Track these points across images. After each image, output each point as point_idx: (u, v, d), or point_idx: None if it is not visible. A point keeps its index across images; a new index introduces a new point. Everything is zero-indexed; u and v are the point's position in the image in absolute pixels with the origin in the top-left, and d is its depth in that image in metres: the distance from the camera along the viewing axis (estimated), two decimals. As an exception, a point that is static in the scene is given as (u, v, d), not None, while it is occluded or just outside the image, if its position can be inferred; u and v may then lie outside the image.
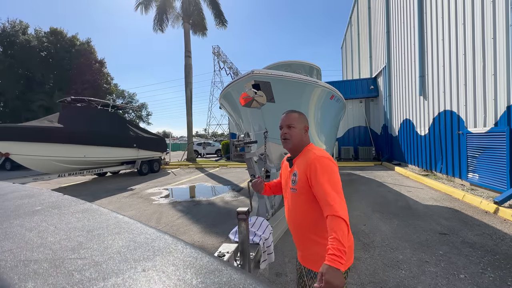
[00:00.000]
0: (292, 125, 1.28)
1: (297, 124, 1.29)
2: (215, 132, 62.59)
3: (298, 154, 1.31)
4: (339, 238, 0.96)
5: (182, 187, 7.86)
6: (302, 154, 1.29)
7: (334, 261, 0.92)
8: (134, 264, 0.46)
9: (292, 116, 1.30)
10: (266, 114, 3.33)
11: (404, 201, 5.16)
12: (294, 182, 1.26)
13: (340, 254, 0.93)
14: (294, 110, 1.34)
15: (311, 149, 1.28)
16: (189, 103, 16.18)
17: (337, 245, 0.95)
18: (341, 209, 1.03)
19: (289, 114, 1.32)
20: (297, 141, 1.29)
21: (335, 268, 0.91)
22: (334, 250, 0.94)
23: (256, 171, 3.09)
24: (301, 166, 1.24)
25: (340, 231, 0.97)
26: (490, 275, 2.41)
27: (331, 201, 1.05)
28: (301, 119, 1.31)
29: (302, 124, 1.31)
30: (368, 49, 15.28)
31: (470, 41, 5.50)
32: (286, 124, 1.30)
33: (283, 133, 1.31)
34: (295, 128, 1.28)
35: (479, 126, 5.32)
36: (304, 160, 1.24)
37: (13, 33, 20.96)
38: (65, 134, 7.83)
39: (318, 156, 1.19)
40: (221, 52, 38.21)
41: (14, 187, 1.18)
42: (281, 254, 2.97)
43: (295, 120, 1.29)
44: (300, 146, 1.30)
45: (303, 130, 1.31)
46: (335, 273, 0.90)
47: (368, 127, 13.94)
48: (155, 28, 16.28)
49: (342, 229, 0.98)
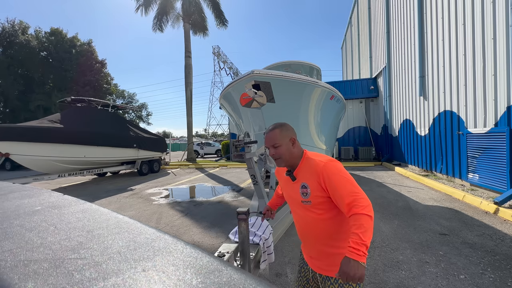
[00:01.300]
0: (277, 144, 1.23)
1: (281, 141, 1.23)
2: (215, 132, 62.62)
3: (297, 166, 1.26)
4: (359, 232, 0.98)
5: (182, 187, 7.86)
6: (302, 165, 1.25)
7: (352, 253, 0.95)
8: (134, 264, 0.46)
9: (274, 135, 1.24)
10: (266, 114, 3.33)
11: (404, 201, 5.16)
12: (306, 195, 1.21)
13: (358, 247, 0.96)
14: (275, 126, 1.28)
15: (310, 156, 1.24)
16: (189, 103, 16.19)
17: (358, 239, 0.97)
18: (362, 205, 1.04)
19: (270, 133, 1.26)
20: (287, 157, 1.24)
21: (354, 260, 0.94)
22: (354, 244, 0.97)
23: (256, 171, 3.08)
24: (308, 176, 1.20)
25: (363, 228, 0.99)
26: (490, 275, 2.41)
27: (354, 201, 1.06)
28: (283, 134, 1.25)
29: (287, 138, 1.25)
30: (368, 49, 15.28)
31: (470, 42, 5.50)
32: (271, 144, 1.24)
33: (271, 154, 1.26)
34: (281, 146, 1.23)
35: (479, 126, 5.32)
36: (309, 170, 1.20)
37: (13, 33, 20.96)
38: (65, 134, 7.83)
39: (325, 163, 1.16)
40: (221, 52, 38.25)
41: (14, 187, 1.18)
42: (281, 255, 2.97)
43: (278, 138, 1.23)
44: (294, 159, 1.26)
45: (290, 143, 1.25)
46: (354, 264, 0.93)
47: (368, 128, 13.94)
48: (154, 28, 16.29)
49: (363, 224, 1.00)
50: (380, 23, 12.73)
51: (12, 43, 20.71)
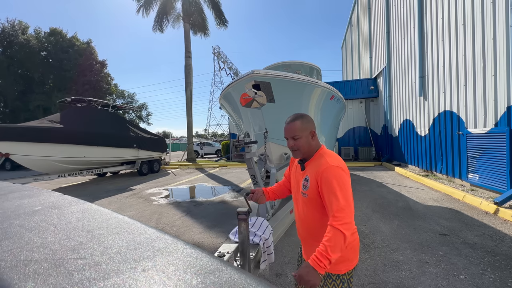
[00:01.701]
0: (297, 136, 1.23)
1: (301, 133, 1.23)
2: (215, 133, 62.63)
3: (311, 158, 1.28)
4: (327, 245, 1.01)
5: (182, 187, 7.86)
6: (314, 158, 1.26)
7: (314, 261, 0.99)
8: (134, 264, 0.46)
9: (294, 126, 1.24)
10: (266, 114, 3.33)
11: (404, 201, 5.16)
12: (306, 187, 1.25)
13: (322, 258, 0.99)
14: (296, 117, 1.27)
15: (323, 154, 1.24)
16: (189, 104, 16.19)
17: (324, 251, 1.00)
18: (342, 221, 1.04)
19: (291, 124, 1.25)
20: (305, 149, 1.25)
21: (313, 269, 0.98)
22: (319, 254, 1.01)
23: (256, 171, 3.08)
24: (313, 172, 1.21)
25: (333, 242, 1.01)
26: (490, 276, 2.41)
27: (336, 212, 1.07)
28: (304, 126, 1.25)
29: (307, 130, 1.25)
30: (368, 49, 15.29)
31: (470, 42, 5.51)
32: (291, 136, 1.25)
33: (289, 146, 1.26)
34: (301, 138, 1.23)
35: (479, 126, 5.32)
36: (316, 166, 1.21)
37: (13, 33, 20.97)
38: (65, 134, 7.83)
39: (330, 166, 1.16)
40: (221, 52, 38.23)
41: (14, 187, 1.18)
42: (281, 255, 2.97)
43: (298, 130, 1.23)
44: (311, 152, 1.27)
45: (310, 136, 1.25)
46: (312, 272, 0.98)
47: (368, 128, 13.94)
48: (154, 28, 16.30)
49: (335, 240, 1.02)
50: (380, 23, 12.74)
51: (12, 43, 20.72)
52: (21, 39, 21.04)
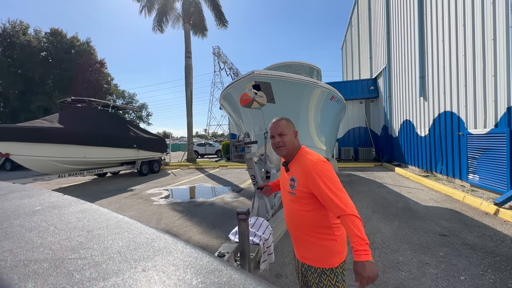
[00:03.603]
0: (283, 133, 1.32)
1: (287, 131, 1.33)
2: (215, 133, 62.65)
3: (293, 159, 1.36)
4: (357, 234, 1.04)
5: (182, 187, 7.85)
6: (296, 158, 1.35)
7: (360, 255, 1.02)
8: (134, 264, 0.46)
9: (281, 124, 1.34)
10: (267, 114, 3.33)
11: (404, 202, 5.15)
12: (293, 187, 1.31)
13: (363, 248, 1.02)
14: (281, 118, 1.38)
15: (304, 154, 1.33)
16: (190, 104, 16.19)
17: (358, 240, 1.03)
18: (349, 207, 1.11)
19: (278, 122, 1.36)
20: (290, 147, 1.34)
21: (366, 261, 1.01)
22: (357, 246, 1.03)
23: (256, 171, 3.08)
24: (298, 172, 1.29)
25: (356, 228, 1.05)
26: (490, 277, 2.41)
27: (339, 202, 1.12)
28: (289, 125, 1.36)
29: (292, 129, 1.36)
30: (368, 49, 15.29)
31: (470, 42, 5.51)
32: (278, 133, 1.34)
33: (276, 142, 1.35)
34: (286, 135, 1.33)
35: (479, 127, 5.32)
36: (300, 166, 1.29)
37: (14, 33, 20.98)
38: (65, 134, 7.83)
39: (314, 162, 1.24)
40: (222, 52, 38.24)
41: (14, 187, 1.18)
42: (281, 255, 2.97)
43: (285, 128, 1.33)
44: (293, 150, 1.35)
45: (293, 135, 1.36)
46: (368, 265, 1.01)
47: (368, 128, 13.94)
48: (154, 28, 16.31)
49: (356, 224, 1.06)
50: (380, 24, 12.75)
51: (13, 43, 20.73)
52: (22, 39, 21.04)
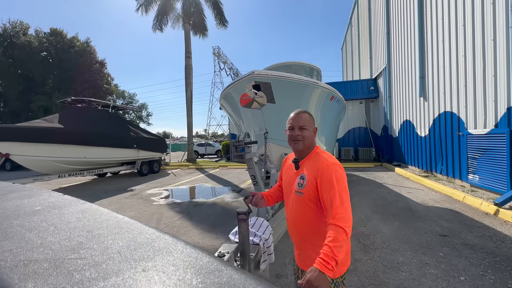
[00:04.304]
0: (305, 127, 1.23)
1: (309, 126, 1.24)
2: (215, 133, 62.64)
3: (306, 157, 1.27)
4: (332, 246, 0.97)
5: (182, 188, 7.85)
6: (310, 157, 1.25)
7: (322, 265, 0.94)
8: (134, 264, 0.46)
9: (304, 117, 1.25)
10: (267, 114, 3.33)
11: (404, 202, 5.15)
12: (301, 186, 1.22)
13: (329, 260, 0.95)
14: (305, 110, 1.29)
15: (320, 153, 1.24)
16: (190, 104, 16.20)
17: (330, 252, 0.96)
18: (344, 219, 1.04)
19: (301, 114, 1.26)
20: (308, 143, 1.25)
21: (322, 272, 0.93)
22: (325, 256, 0.96)
23: (256, 171, 3.08)
24: (311, 170, 1.20)
25: (336, 241, 0.98)
26: (490, 277, 2.40)
27: (336, 211, 1.06)
28: (311, 120, 1.27)
29: (313, 126, 1.27)
30: (368, 50, 15.30)
31: (470, 43, 5.51)
32: (299, 125, 1.24)
33: (295, 135, 1.24)
34: (307, 130, 1.24)
35: (479, 127, 5.32)
36: (313, 165, 1.20)
37: (14, 33, 20.99)
38: (66, 134, 7.83)
39: (330, 163, 1.16)
40: (222, 53, 38.27)
41: (14, 187, 1.18)
42: (281, 256, 2.96)
43: (307, 122, 1.24)
44: (309, 148, 1.27)
45: (313, 131, 1.27)
46: (320, 276, 0.92)
47: (368, 128, 13.94)
48: (154, 27, 16.30)
49: (338, 239, 0.99)
50: (380, 24, 12.75)
51: (13, 44, 20.74)
52: (22, 39, 21.05)
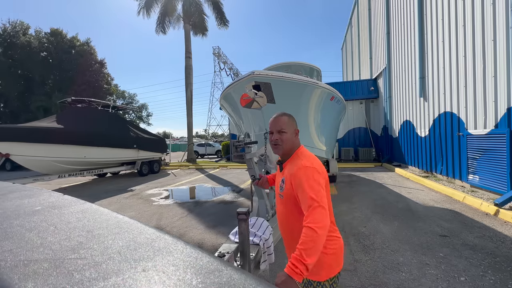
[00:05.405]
0: (283, 130, 1.22)
1: (288, 129, 1.23)
2: (215, 133, 62.67)
3: (288, 159, 1.27)
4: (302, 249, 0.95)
5: (182, 188, 7.85)
6: (292, 158, 1.26)
7: (290, 269, 0.92)
8: (134, 264, 0.45)
9: (282, 120, 1.24)
10: (267, 115, 3.33)
11: (404, 202, 5.15)
12: (282, 189, 1.24)
13: (298, 264, 0.92)
14: (284, 113, 1.28)
15: (300, 154, 1.24)
16: (190, 104, 16.20)
17: (299, 256, 0.94)
18: (314, 220, 1.00)
19: (278, 118, 1.25)
20: (288, 146, 1.24)
21: (290, 277, 0.91)
22: (294, 260, 0.94)
23: (256, 172, 3.08)
24: (288, 174, 1.21)
25: (307, 244, 0.95)
26: (490, 277, 2.40)
27: (307, 213, 1.04)
28: (291, 122, 1.26)
29: (293, 127, 1.26)
30: (368, 50, 15.30)
31: (470, 43, 5.51)
32: (277, 129, 1.23)
33: (274, 139, 1.24)
34: (286, 133, 1.23)
35: (479, 127, 5.32)
36: (291, 167, 1.21)
37: (14, 34, 20.99)
38: (66, 134, 7.83)
39: (303, 166, 1.15)
40: (222, 53, 38.27)
41: (14, 187, 1.18)
42: (281, 256, 2.96)
43: (285, 125, 1.23)
44: (291, 150, 1.26)
45: (294, 133, 1.26)
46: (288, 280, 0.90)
47: (369, 128, 13.94)
48: (157, 30, 16.31)
49: (309, 242, 0.96)
50: (380, 24, 12.76)
51: (13, 44, 20.73)
52: (22, 39, 21.05)
